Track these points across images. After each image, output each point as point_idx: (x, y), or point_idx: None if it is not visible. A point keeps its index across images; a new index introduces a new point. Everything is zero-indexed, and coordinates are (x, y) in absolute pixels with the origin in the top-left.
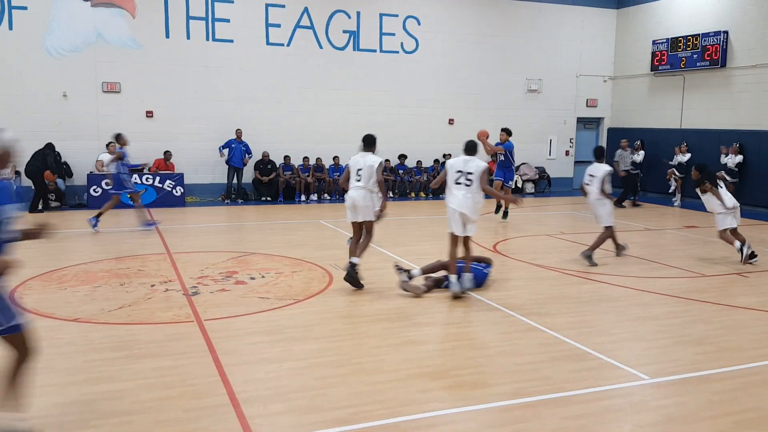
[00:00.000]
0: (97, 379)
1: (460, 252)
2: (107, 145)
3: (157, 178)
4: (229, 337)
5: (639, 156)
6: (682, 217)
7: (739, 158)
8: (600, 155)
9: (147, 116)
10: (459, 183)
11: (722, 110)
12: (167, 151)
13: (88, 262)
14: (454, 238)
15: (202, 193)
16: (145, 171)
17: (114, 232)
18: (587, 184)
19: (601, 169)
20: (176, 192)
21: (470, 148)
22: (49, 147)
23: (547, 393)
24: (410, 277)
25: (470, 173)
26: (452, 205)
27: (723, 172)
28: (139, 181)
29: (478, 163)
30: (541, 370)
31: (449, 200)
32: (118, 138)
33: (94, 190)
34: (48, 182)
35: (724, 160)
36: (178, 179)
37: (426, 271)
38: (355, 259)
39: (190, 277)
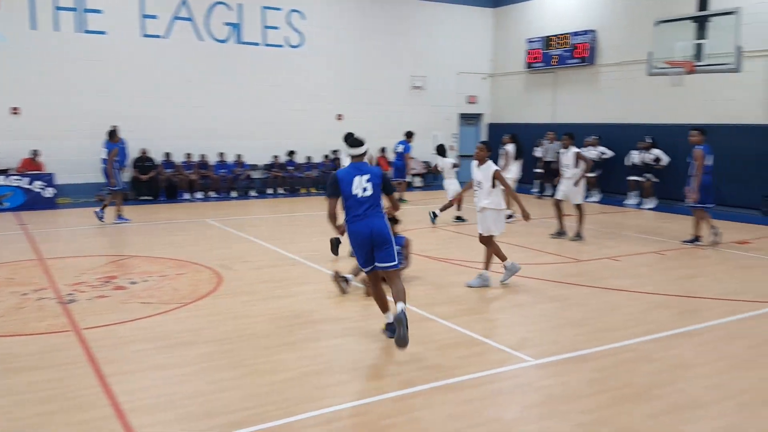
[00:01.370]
0: None
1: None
2: None
3: (25, 179)
4: (110, 345)
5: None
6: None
7: (602, 150)
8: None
9: (12, 113)
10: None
11: (591, 105)
12: (35, 150)
13: None
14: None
15: (75, 193)
16: (10, 172)
17: None
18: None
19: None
20: (46, 193)
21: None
22: None
23: (438, 380)
24: (347, 281)
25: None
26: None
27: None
28: (4, 183)
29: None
30: (431, 358)
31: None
32: (113, 134)
33: None
34: None
35: (590, 153)
36: (48, 180)
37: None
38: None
39: (65, 284)
